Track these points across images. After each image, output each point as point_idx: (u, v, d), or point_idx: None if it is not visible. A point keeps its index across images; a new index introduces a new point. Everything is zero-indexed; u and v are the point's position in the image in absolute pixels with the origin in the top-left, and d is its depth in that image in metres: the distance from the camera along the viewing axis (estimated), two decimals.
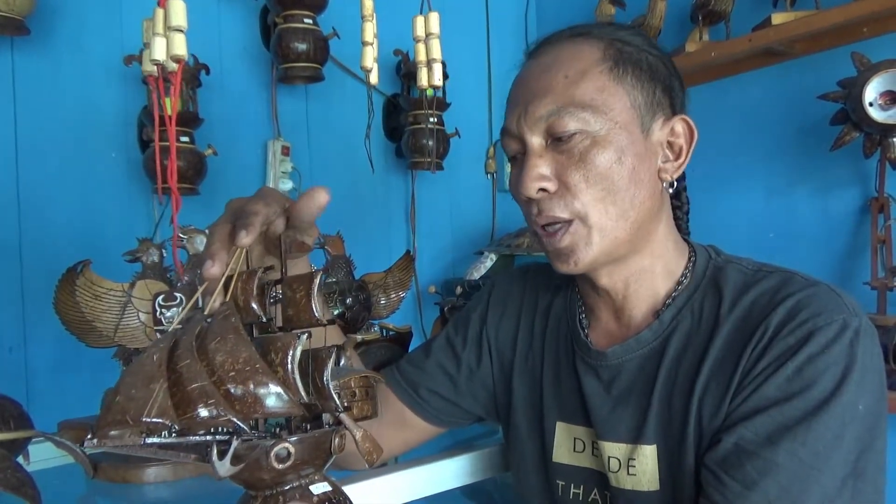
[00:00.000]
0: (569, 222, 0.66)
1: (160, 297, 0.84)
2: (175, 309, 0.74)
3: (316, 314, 0.53)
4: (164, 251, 0.93)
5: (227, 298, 0.53)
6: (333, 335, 0.75)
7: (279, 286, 0.55)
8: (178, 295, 0.78)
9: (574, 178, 0.66)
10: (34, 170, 1.29)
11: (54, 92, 1.31)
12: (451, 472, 0.86)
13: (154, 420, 0.43)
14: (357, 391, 0.51)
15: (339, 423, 0.51)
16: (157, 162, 0.91)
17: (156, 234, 1.32)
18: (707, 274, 0.70)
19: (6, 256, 1.26)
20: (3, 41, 1.24)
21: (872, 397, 0.59)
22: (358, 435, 0.51)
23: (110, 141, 1.37)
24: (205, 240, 0.84)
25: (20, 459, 0.68)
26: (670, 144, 0.70)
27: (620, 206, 0.66)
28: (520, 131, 0.68)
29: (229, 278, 0.53)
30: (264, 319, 0.53)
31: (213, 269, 0.53)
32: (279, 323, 0.55)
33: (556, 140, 0.67)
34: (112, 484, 0.81)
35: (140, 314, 0.84)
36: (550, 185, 0.66)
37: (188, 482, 0.83)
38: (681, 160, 0.70)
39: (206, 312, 0.51)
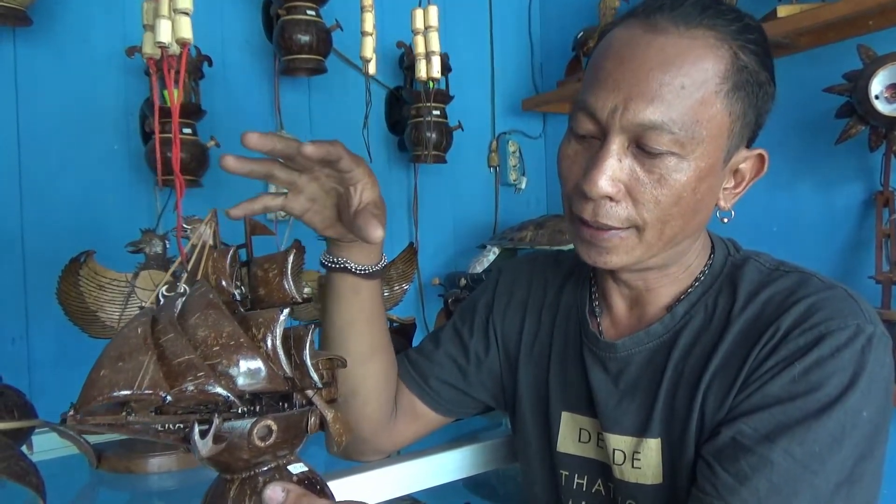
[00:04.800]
0: (624, 229, 0.64)
1: (163, 288, 0.84)
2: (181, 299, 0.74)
3: (289, 292, 0.52)
4: (167, 242, 0.92)
5: (199, 276, 0.52)
6: None
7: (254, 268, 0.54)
8: (184, 287, 0.78)
9: (647, 195, 0.61)
10: (36, 161, 1.29)
11: (56, 83, 1.30)
12: (455, 464, 0.86)
13: (146, 392, 0.42)
14: (325, 373, 0.51)
15: (310, 403, 0.51)
16: (158, 149, 0.90)
17: (158, 224, 1.32)
18: (724, 271, 0.69)
19: (8, 248, 1.26)
20: (4, 31, 1.24)
21: (877, 407, 0.59)
22: (329, 416, 0.51)
23: (112, 132, 1.37)
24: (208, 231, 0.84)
25: (24, 449, 0.68)
26: (735, 172, 0.67)
27: (675, 230, 0.64)
28: (608, 123, 0.61)
29: (202, 249, 0.53)
30: (238, 298, 0.53)
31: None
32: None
33: (640, 149, 0.61)
34: (115, 474, 0.81)
35: (143, 304, 0.83)
36: (618, 195, 0.62)
37: (191, 472, 0.83)
38: (738, 190, 0.68)
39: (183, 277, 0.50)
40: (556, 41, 2.02)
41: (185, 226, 0.91)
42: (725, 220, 0.68)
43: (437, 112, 1.65)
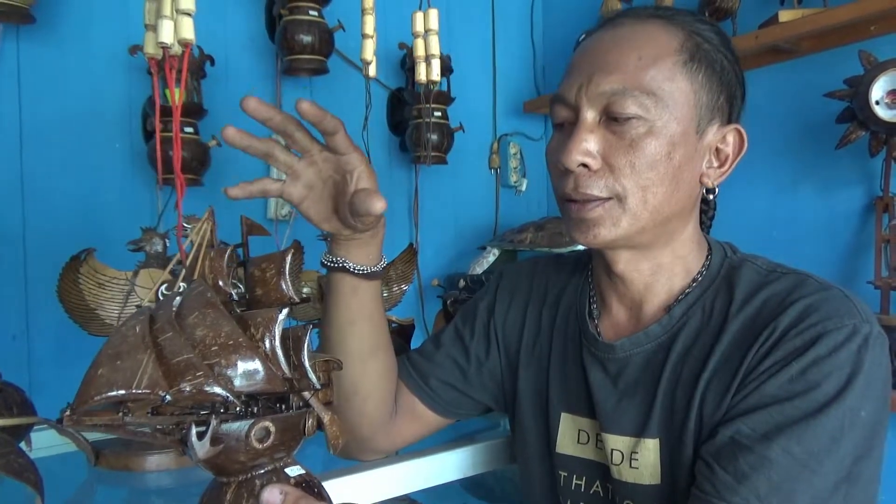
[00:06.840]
0: (605, 199, 0.65)
1: (163, 286, 0.84)
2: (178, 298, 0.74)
3: (286, 293, 0.52)
4: (167, 241, 0.93)
5: (196, 275, 0.52)
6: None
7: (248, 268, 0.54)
8: (181, 284, 0.78)
9: (621, 161, 0.64)
10: (38, 159, 1.29)
11: (59, 81, 1.31)
12: (453, 464, 0.87)
13: (144, 391, 0.41)
14: (321, 375, 0.51)
15: (307, 405, 0.50)
16: (158, 148, 0.90)
17: (159, 223, 1.32)
18: (721, 272, 0.70)
19: (10, 245, 1.26)
20: (8, 29, 1.24)
21: (875, 406, 0.59)
22: (326, 418, 0.51)
23: (114, 131, 1.37)
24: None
25: (22, 445, 0.68)
26: (718, 151, 0.69)
27: (658, 199, 0.65)
28: (576, 102, 0.66)
29: (199, 249, 0.53)
30: (235, 298, 0.52)
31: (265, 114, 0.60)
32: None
33: (610, 119, 0.65)
34: (113, 471, 0.81)
35: (143, 303, 0.84)
36: (594, 163, 0.65)
37: (189, 471, 0.83)
38: (724, 168, 0.70)
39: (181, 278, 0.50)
40: (558, 43, 2.03)
41: (185, 224, 0.92)
42: (711, 196, 0.71)
43: (439, 113, 1.65)
